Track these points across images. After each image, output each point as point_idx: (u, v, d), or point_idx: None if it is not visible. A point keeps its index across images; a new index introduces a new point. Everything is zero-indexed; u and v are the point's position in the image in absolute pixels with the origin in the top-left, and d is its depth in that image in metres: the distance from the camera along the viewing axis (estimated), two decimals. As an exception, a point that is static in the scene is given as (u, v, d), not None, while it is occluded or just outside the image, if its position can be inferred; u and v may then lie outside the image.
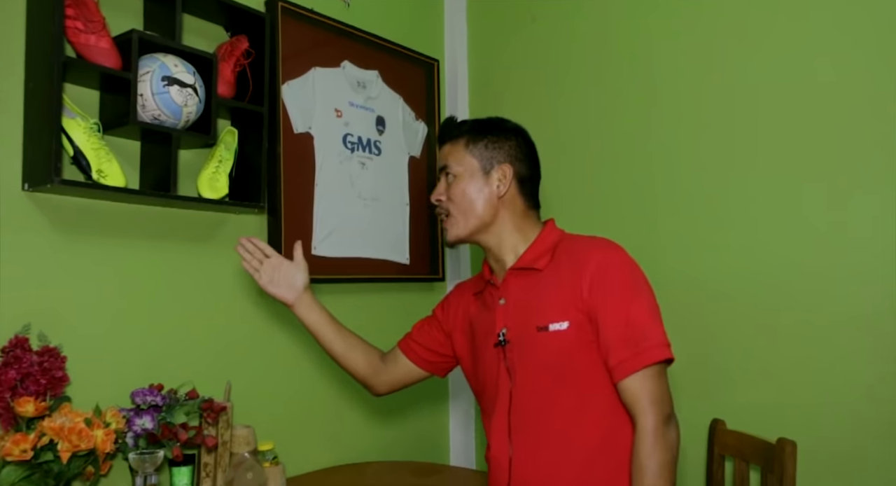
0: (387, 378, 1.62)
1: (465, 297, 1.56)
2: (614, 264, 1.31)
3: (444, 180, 1.45)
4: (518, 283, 1.39)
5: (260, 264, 1.55)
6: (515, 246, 1.42)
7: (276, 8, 1.97)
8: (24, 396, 1.37)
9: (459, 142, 1.44)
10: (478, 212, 1.40)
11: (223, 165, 1.77)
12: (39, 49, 1.47)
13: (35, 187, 1.47)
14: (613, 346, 1.27)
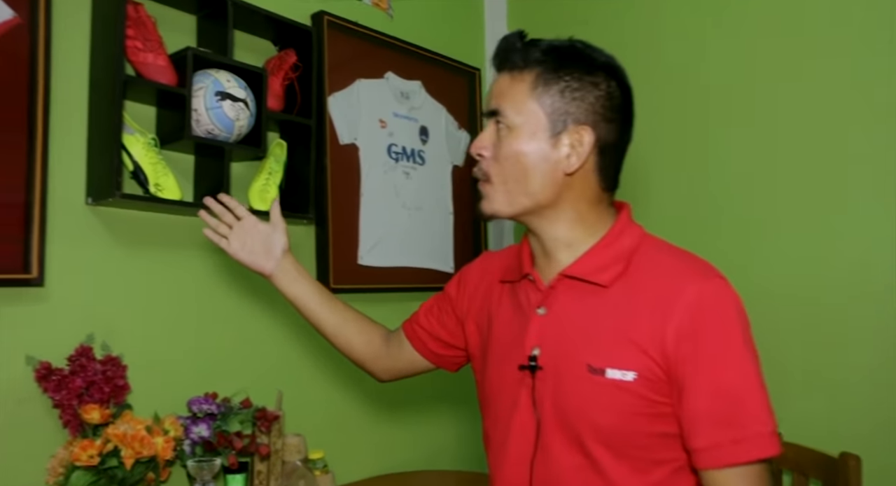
0: (390, 364, 1.32)
1: (490, 279, 1.18)
2: (719, 306, 0.92)
3: (493, 127, 1.02)
4: (569, 296, 1.01)
5: (229, 229, 1.29)
6: (573, 242, 1.02)
7: (322, 22, 2.01)
8: (90, 403, 1.42)
9: (525, 77, 0.99)
10: (532, 187, 0.99)
11: (273, 177, 1.81)
12: (102, 68, 1.52)
13: (98, 201, 1.52)
14: (704, 423, 0.91)
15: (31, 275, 1.42)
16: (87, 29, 1.55)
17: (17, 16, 1.42)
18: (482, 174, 1.03)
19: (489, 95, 1.04)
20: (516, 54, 1.00)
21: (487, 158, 1.02)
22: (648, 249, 1.01)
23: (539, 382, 1.01)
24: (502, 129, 1.00)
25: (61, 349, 1.46)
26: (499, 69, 1.03)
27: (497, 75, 1.03)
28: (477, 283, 1.21)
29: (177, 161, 1.70)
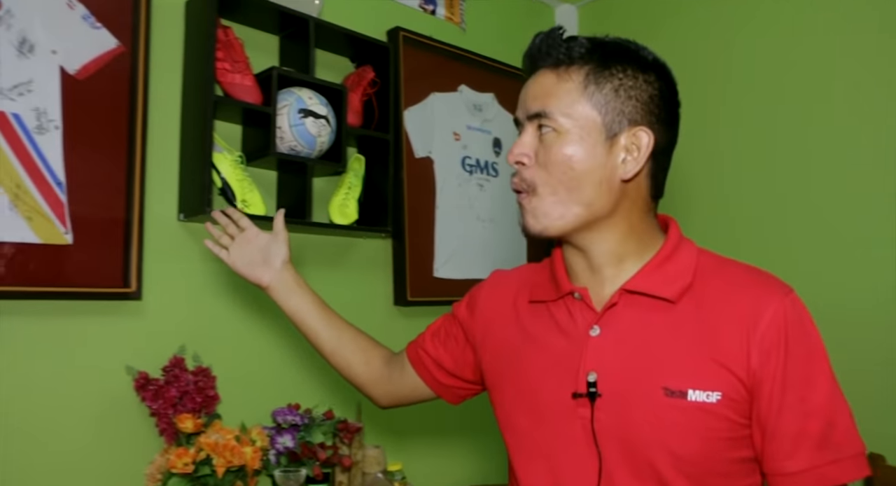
0: (391, 389, 1.20)
1: (509, 301, 1.05)
2: (803, 322, 0.87)
3: (533, 132, 0.90)
4: (632, 314, 0.91)
5: (231, 241, 1.23)
6: (624, 256, 0.93)
7: (398, 37, 2.04)
8: (184, 413, 1.47)
9: (572, 75, 0.88)
10: (587, 196, 0.88)
11: (352, 191, 1.84)
12: (193, 90, 1.58)
13: (189, 218, 1.58)
14: (800, 445, 0.84)
15: (131, 289, 1.48)
16: (181, 53, 1.62)
17: (121, 44, 1.49)
18: (526, 184, 0.90)
19: (527, 95, 0.91)
20: (560, 50, 0.89)
21: (530, 166, 0.90)
22: (710, 261, 0.93)
23: (599, 411, 0.89)
24: (548, 133, 0.88)
25: (156, 360, 1.52)
26: (536, 67, 0.92)
27: (534, 74, 0.92)
28: (492, 305, 1.08)
29: (260, 177, 1.75)
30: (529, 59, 0.93)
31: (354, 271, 1.93)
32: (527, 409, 0.96)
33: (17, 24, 1.36)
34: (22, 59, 1.36)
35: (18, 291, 1.35)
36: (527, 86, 0.92)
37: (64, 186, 1.41)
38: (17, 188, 1.35)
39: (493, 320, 1.06)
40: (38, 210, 1.38)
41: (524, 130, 0.91)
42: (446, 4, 2.24)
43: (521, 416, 0.97)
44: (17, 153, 1.35)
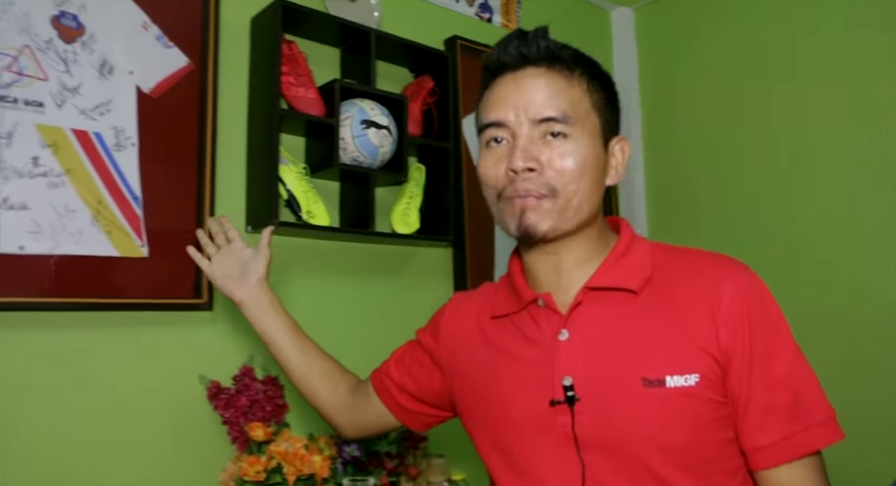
0: (355, 417, 1.17)
1: (473, 320, 1.04)
2: (761, 295, 0.88)
3: (535, 134, 0.88)
4: (598, 310, 0.90)
5: (216, 250, 1.25)
6: (589, 258, 0.93)
7: (455, 46, 2.04)
8: (254, 421, 1.50)
9: (575, 79, 0.89)
10: (592, 200, 0.90)
11: (413, 200, 1.85)
12: (259, 104, 1.62)
13: (256, 229, 1.61)
14: (770, 418, 0.85)
15: (202, 300, 1.52)
16: (246, 68, 1.66)
17: (191, 62, 1.54)
18: (546, 189, 0.87)
19: (532, 97, 0.87)
20: (563, 53, 0.89)
21: (543, 171, 0.87)
22: (664, 252, 0.94)
23: (580, 415, 0.86)
24: (560, 137, 0.87)
25: (227, 369, 1.55)
26: (524, 64, 0.89)
27: (522, 71, 0.88)
28: (456, 327, 1.06)
29: (323, 188, 1.77)
30: (518, 56, 0.89)
31: (415, 280, 1.94)
32: (503, 427, 0.94)
33: (98, 48, 1.42)
34: (102, 80, 1.42)
35: (99, 302, 1.40)
36: (523, 87, 0.87)
37: (140, 201, 1.46)
38: (99, 204, 1.40)
39: (459, 342, 1.04)
40: (117, 224, 1.42)
41: (522, 132, 0.87)
42: (502, 11, 2.23)
43: (499, 435, 0.95)
44: (98, 170, 1.40)
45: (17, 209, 1.30)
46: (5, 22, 1.31)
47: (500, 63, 0.90)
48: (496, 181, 0.90)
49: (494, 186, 0.90)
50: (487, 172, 0.91)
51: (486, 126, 0.90)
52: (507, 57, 0.90)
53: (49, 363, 1.35)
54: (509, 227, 0.90)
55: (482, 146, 0.92)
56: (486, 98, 0.92)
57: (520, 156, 0.86)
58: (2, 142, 1.29)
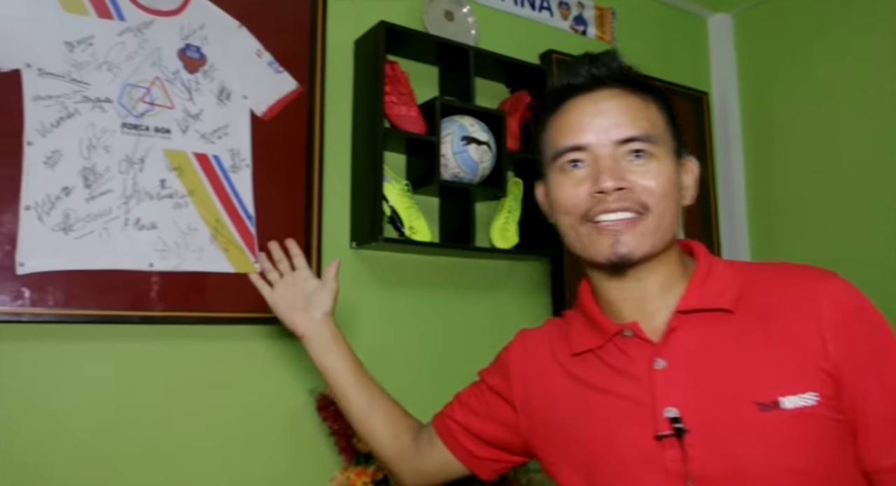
0: (417, 466, 1.08)
1: (549, 358, 0.98)
2: (857, 300, 0.83)
3: (618, 155, 0.85)
4: (694, 334, 0.85)
5: (279, 277, 1.16)
6: (673, 283, 0.89)
7: (550, 60, 2.04)
8: (360, 433, 1.53)
9: (651, 101, 0.88)
10: (674, 219, 0.87)
11: (512, 215, 1.85)
12: (363, 123, 1.67)
13: (361, 245, 1.66)
14: (885, 433, 0.79)
15: (311, 314, 1.57)
16: (350, 89, 1.72)
17: (300, 85, 1.61)
18: (638, 205, 0.83)
19: (613, 118, 0.85)
20: (635, 75, 0.88)
21: (633, 190, 0.84)
22: (745, 269, 0.89)
23: (692, 448, 0.80)
24: (644, 156, 0.84)
25: (333, 381, 1.59)
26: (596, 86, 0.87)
27: (595, 93, 0.86)
28: (527, 366, 1.00)
29: (422, 203, 1.80)
30: (591, 77, 0.87)
31: (514, 294, 1.94)
32: (602, 466, 0.87)
33: (218, 76, 1.50)
34: (221, 106, 1.50)
35: (217, 316, 1.47)
36: (601, 108, 0.85)
37: (253, 219, 1.53)
38: (217, 223, 1.48)
39: (533, 381, 0.98)
40: (234, 242, 1.50)
41: (604, 153, 0.84)
42: (597, 24, 2.22)
43: (596, 475, 0.88)
44: (216, 191, 1.48)
45: (147, 229, 1.39)
46: (141, 57, 1.41)
47: (570, 86, 0.88)
48: (576, 205, 0.85)
49: (574, 211, 0.86)
50: (565, 196, 0.86)
51: (564, 151, 0.86)
52: (578, 79, 0.87)
53: (167, 373, 1.43)
54: (596, 254, 0.85)
55: (554, 172, 0.88)
56: (558, 123, 0.88)
57: (609, 175, 0.83)
58: (136, 167, 1.39)
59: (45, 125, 1.31)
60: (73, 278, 1.31)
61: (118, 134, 1.38)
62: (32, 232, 1.28)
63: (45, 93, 1.31)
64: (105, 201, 1.35)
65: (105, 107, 1.37)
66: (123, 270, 1.36)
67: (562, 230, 0.91)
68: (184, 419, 1.44)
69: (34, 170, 1.29)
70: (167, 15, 1.46)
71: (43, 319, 1.28)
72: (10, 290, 1.25)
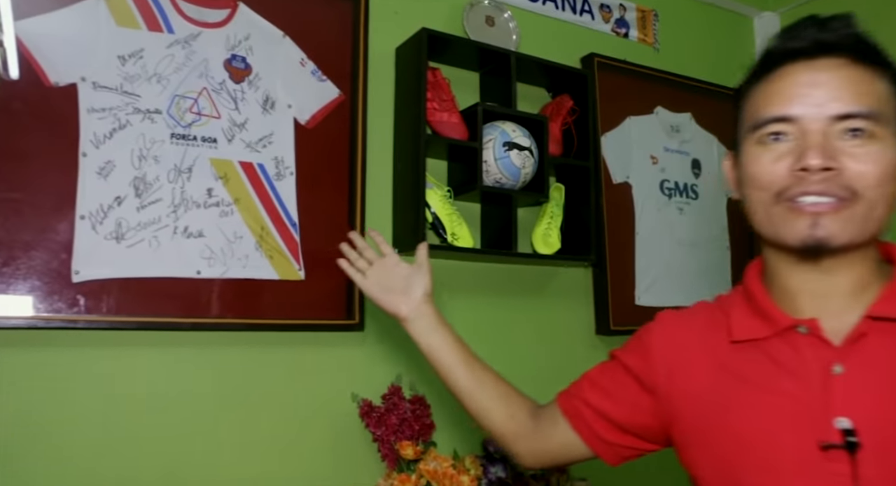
0: (536, 446, 1.04)
1: (698, 343, 0.90)
2: None
3: (831, 132, 0.75)
4: (883, 343, 0.77)
5: (368, 265, 1.17)
6: (868, 281, 0.80)
7: (592, 64, 2.02)
8: (404, 440, 1.53)
9: (877, 75, 0.76)
10: (889, 211, 0.77)
11: (554, 220, 1.84)
12: (405, 130, 1.67)
13: (403, 252, 1.65)
14: None
15: (354, 320, 1.58)
16: (392, 96, 1.73)
17: (342, 93, 1.62)
18: (845, 190, 0.74)
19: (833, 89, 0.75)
20: (867, 45, 0.77)
21: (844, 171, 0.74)
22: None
23: (864, 467, 0.72)
24: (865, 134, 0.74)
25: (376, 388, 1.60)
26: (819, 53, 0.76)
27: (832, 62, 0.76)
28: (671, 349, 0.92)
29: (463, 209, 1.79)
30: (814, 42, 0.76)
31: (556, 300, 1.92)
32: (749, 467, 0.80)
33: (262, 86, 1.53)
34: (266, 115, 1.52)
35: (261, 323, 1.49)
36: (820, 79, 0.75)
37: (297, 227, 1.55)
38: (262, 230, 1.50)
39: (680, 367, 0.90)
40: (278, 249, 1.52)
41: (815, 128, 0.75)
42: (639, 26, 2.19)
43: (740, 475, 0.81)
44: (261, 199, 1.50)
45: (195, 237, 1.42)
46: (188, 69, 1.44)
47: (788, 50, 0.77)
48: (772, 181, 0.76)
49: (769, 188, 0.77)
50: (761, 171, 0.77)
51: (766, 121, 0.77)
52: (799, 43, 0.77)
53: (215, 378, 1.46)
54: (790, 236, 0.76)
55: (751, 144, 0.79)
56: (765, 90, 0.79)
57: (816, 153, 0.73)
58: (184, 176, 1.42)
59: (98, 137, 1.35)
60: (125, 285, 1.34)
61: (167, 144, 1.41)
62: (87, 241, 1.31)
63: (98, 105, 1.35)
64: (155, 210, 1.38)
65: (154, 118, 1.40)
66: (173, 277, 1.39)
67: (750, 207, 0.81)
68: (231, 423, 1.46)
69: (88, 180, 1.33)
70: (214, 27, 1.49)
71: (97, 326, 1.31)
72: (67, 297, 1.29)
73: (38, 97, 1.31)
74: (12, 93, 1.28)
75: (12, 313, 1.24)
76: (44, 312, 1.27)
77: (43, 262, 1.27)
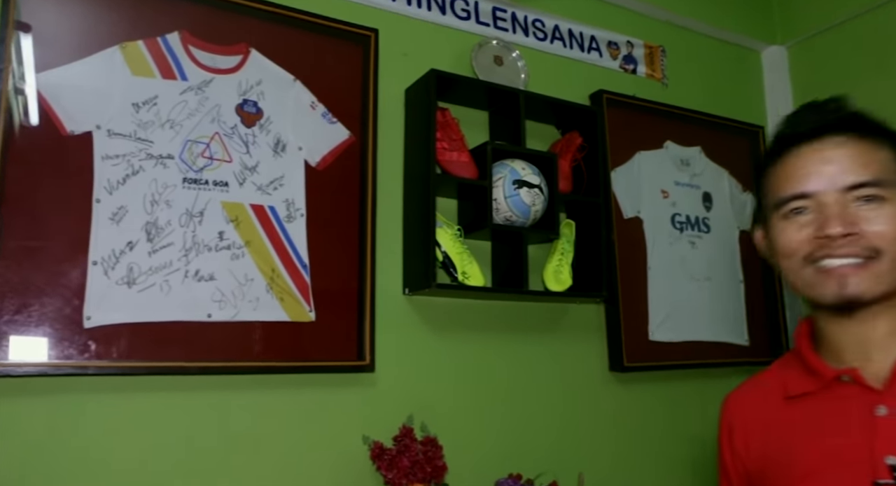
0: None
1: (761, 407, 0.97)
2: None
3: (845, 200, 0.84)
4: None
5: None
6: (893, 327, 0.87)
7: (601, 100, 2.03)
8: (415, 482, 1.51)
9: (883, 144, 0.86)
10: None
11: (565, 257, 1.83)
12: (415, 170, 1.68)
13: (414, 292, 1.66)
14: None
15: (365, 361, 1.57)
16: (401, 136, 1.74)
17: (352, 135, 1.64)
18: (868, 250, 0.82)
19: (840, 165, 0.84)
20: (860, 120, 0.87)
21: (865, 234, 0.82)
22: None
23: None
24: (874, 201, 0.83)
25: (387, 429, 1.58)
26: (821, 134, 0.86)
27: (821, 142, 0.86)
28: (747, 415, 0.99)
29: (474, 247, 1.79)
30: (816, 125, 0.86)
31: (569, 337, 1.90)
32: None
33: (273, 129, 1.54)
34: (277, 158, 1.54)
35: (273, 366, 1.48)
36: (827, 157, 0.85)
37: (308, 268, 1.55)
38: (273, 272, 1.50)
39: (754, 430, 0.96)
40: (289, 291, 1.52)
41: (830, 200, 0.83)
42: (647, 62, 2.20)
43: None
44: (272, 242, 1.51)
45: (206, 280, 1.42)
46: (201, 114, 1.46)
47: (794, 135, 0.88)
48: (798, 248, 0.85)
49: (796, 254, 0.86)
50: (790, 240, 0.86)
51: (788, 199, 0.86)
52: (802, 127, 0.87)
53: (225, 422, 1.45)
54: (823, 297, 0.84)
55: (777, 219, 0.88)
56: (782, 171, 0.88)
57: (837, 222, 0.82)
58: (195, 220, 1.43)
59: (112, 183, 1.36)
60: (136, 330, 1.34)
61: (179, 188, 1.42)
62: (99, 286, 1.32)
63: (112, 152, 1.37)
64: (166, 254, 1.39)
65: (167, 163, 1.42)
66: (183, 321, 1.39)
67: (784, 274, 0.89)
68: (240, 468, 1.45)
69: (101, 226, 1.34)
70: (226, 73, 1.51)
71: (107, 371, 1.31)
72: (78, 343, 1.29)
73: (55, 146, 1.33)
74: (30, 143, 1.31)
75: (25, 360, 1.25)
76: (55, 358, 1.27)
77: (55, 308, 1.28)
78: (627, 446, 1.95)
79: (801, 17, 2.44)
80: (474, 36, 1.89)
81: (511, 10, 1.97)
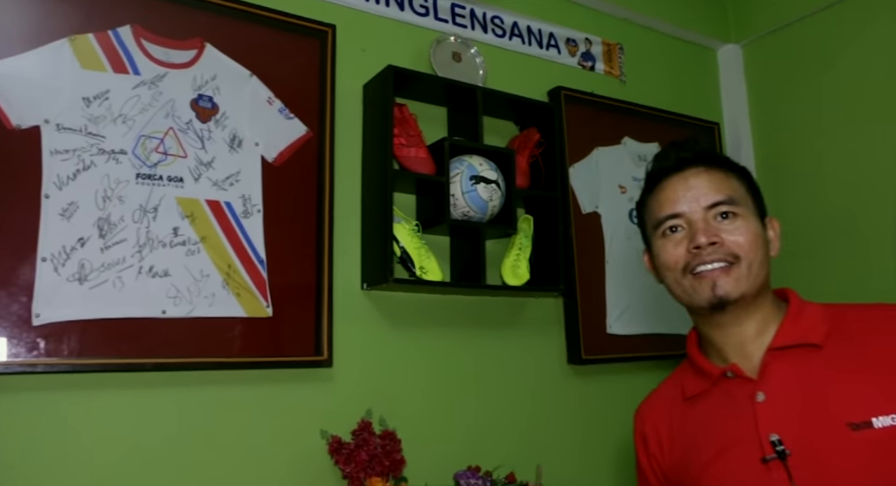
0: None
1: (665, 414, 1.12)
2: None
3: (709, 217, 1.01)
4: (787, 366, 0.97)
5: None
6: (767, 324, 1.01)
7: (559, 97, 2.06)
8: (373, 476, 1.52)
9: (731, 174, 1.05)
10: (765, 267, 1.01)
11: (523, 251, 1.85)
12: (372, 166, 1.69)
13: (372, 287, 1.67)
14: None
15: (323, 357, 1.58)
16: (360, 132, 1.74)
17: (309, 130, 1.64)
18: (730, 256, 0.99)
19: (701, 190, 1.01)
20: (714, 155, 1.07)
21: (725, 243, 0.99)
22: (839, 310, 1.02)
23: (796, 470, 0.91)
24: (731, 216, 1.01)
25: (345, 424, 1.59)
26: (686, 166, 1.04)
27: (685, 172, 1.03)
28: (655, 431, 1.13)
29: (433, 243, 1.81)
30: (679, 160, 1.04)
31: (527, 331, 1.93)
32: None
33: (229, 125, 1.54)
34: (233, 153, 1.53)
35: (229, 361, 1.48)
36: (690, 184, 1.02)
37: (265, 263, 1.55)
38: (229, 268, 1.50)
39: (663, 435, 1.11)
40: (245, 287, 1.51)
41: (696, 217, 1.01)
42: (605, 59, 2.23)
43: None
44: (228, 237, 1.50)
45: (160, 276, 1.41)
46: (154, 109, 1.45)
47: (662, 169, 1.06)
48: (677, 261, 1.01)
49: (675, 267, 1.02)
50: (668, 255, 1.03)
51: (664, 220, 1.03)
52: (668, 162, 1.05)
53: (180, 419, 1.44)
54: (700, 299, 0.99)
55: (657, 239, 1.04)
56: (656, 198, 1.06)
57: (703, 234, 0.99)
58: (149, 216, 1.42)
59: (61, 178, 1.35)
60: (88, 327, 1.33)
61: (132, 184, 1.41)
62: (48, 283, 1.31)
63: (62, 147, 1.35)
64: (119, 250, 1.38)
65: (120, 158, 1.41)
66: (137, 317, 1.38)
67: (669, 287, 1.05)
68: (196, 465, 1.44)
69: (51, 222, 1.32)
70: (180, 67, 1.50)
71: (57, 369, 1.30)
72: (26, 341, 1.27)
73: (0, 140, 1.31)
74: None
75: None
76: (1, 356, 1.25)
77: (1, 306, 1.26)
78: (586, 437, 1.98)
79: (754, 17, 2.50)
80: (433, 32, 1.90)
81: (470, 7, 1.98)
